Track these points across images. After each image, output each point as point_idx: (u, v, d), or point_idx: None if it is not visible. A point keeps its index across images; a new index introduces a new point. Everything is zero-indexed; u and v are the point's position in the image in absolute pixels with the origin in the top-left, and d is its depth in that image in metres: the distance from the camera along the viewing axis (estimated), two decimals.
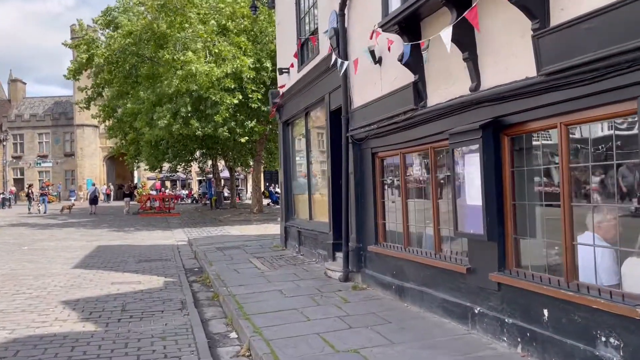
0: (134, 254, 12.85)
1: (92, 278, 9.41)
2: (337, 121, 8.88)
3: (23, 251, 13.38)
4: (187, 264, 11.46)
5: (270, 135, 25.51)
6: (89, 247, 14.27)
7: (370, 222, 7.41)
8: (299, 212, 11.99)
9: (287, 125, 12.29)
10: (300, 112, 11.01)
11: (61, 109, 56.87)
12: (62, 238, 16.94)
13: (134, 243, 15.50)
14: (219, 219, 24.02)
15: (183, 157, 31.14)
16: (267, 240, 14.16)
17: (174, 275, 9.75)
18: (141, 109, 21.31)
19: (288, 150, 12.27)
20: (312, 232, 10.18)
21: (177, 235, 17.67)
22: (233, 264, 10.25)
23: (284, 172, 12.27)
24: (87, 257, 12.35)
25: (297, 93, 10.84)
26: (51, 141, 55.99)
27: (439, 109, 5.38)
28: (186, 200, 48.31)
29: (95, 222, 24.35)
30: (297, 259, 10.59)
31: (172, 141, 25.51)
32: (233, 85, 18.11)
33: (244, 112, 19.92)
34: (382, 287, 6.97)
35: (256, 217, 23.65)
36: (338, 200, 8.86)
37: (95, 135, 54.91)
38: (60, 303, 7.42)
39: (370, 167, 7.35)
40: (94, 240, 16.32)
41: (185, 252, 13.46)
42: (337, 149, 8.90)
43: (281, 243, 12.48)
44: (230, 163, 34.51)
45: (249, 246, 13.06)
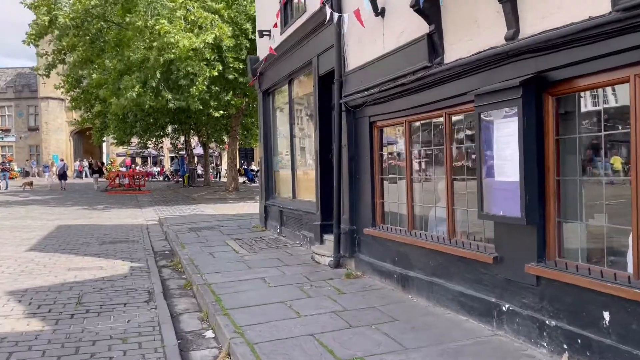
0: (97, 235, 11.72)
1: (47, 263, 8.31)
2: (326, 88, 7.91)
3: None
4: (157, 246, 10.42)
5: (247, 110, 24.30)
6: (49, 227, 13.05)
7: (367, 202, 6.51)
8: (280, 190, 11.02)
9: (267, 95, 11.21)
10: (283, 80, 9.95)
11: (24, 80, 54.00)
12: (20, 216, 15.61)
13: (99, 222, 14.32)
14: (192, 197, 22.87)
15: (153, 131, 29.65)
16: (245, 220, 13.18)
17: (141, 260, 8.71)
18: (107, 79, 19.81)
19: (268, 122, 11.23)
20: (296, 212, 9.24)
21: (147, 214, 16.51)
22: (208, 247, 9.26)
23: (264, 147, 11.24)
24: (45, 238, 11.17)
25: (280, 58, 9.76)
26: (14, 114, 53.25)
27: (461, 65, 4.45)
28: (158, 177, 46.75)
29: (60, 199, 22.89)
30: (279, 241, 9.66)
31: (141, 114, 24.06)
32: (212, 56, 16.78)
33: (219, 83, 18.65)
34: (380, 275, 6.10)
35: (232, 196, 22.57)
36: (327, 177, 7.93)
37: (61, 108, 52.35)
38: (5, 294, 6.34)
39: (368, 138, 6.41)
40: (56, 219, 15.05)
41: (155, 232, 12.39)
42: (326, 119, 7.94)
43: (261, 223, 11.52)
44: (204, 139, 33.17)
45: (225, 227, 12.06)
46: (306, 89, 9.29)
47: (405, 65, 5.26)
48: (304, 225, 8.89)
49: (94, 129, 29.82)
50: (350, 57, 6.69)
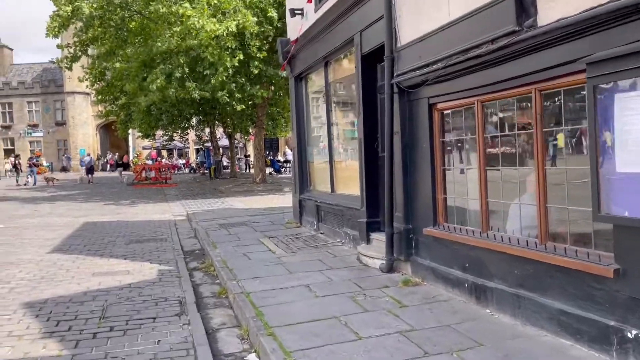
0: (124, 233, 11.13)
1: (70, 267, 7.68)
2: (370, 68, 7.04)
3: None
4: (186, 244, 9.75)
5: (272, 99, 23.53)
6: (74, 225, 12.54)
7: (425, 197, 5.63)
8: (316, 183, 10.21)
9: (299, 81, 10.36)
10: (318, 63, 9.09)
11: (50, 75, 54.29)
12: (46, 213, 15.19)
13: (126, 218, 13.77)
14: (220, 190, 22.28)
15: (178, 123, 29.16)
16: (276, 215, 12.44)
17: (170, 262, 8.03)
18: (130, 69, 19.27)
19: (301, 109, 10.39)
20: (336, 207, 8.41)
21: (175, 209, 15.94)
22: (241, 246, 8.53)
23: (297, 136, 10.42)
24: (69, 237, 10.61)
25: (314, 39, 8.90)
26: (41, 110, 53.66)
27: (564, 26, 3.52)
28: (184, 169, 46.57)
29: (87, 194, 22.58)
30: (318, 239, 8.85)
31: (166, 106, 23.53)
32: (234, 44, 15.99)
33: (244, 73, 17.88)
34: (445, 282, 5.24)
35: (260, 188, 21.90)
36: (373, 169, 7.09)
37: (87, 103, 52.46)
38: (22, 306, 5.69)
39: (426, 123, 5.51)
40: (82, 215, 14.58)
41: (184, 229, 11.75)
42: (371, 103, 7.08)
43: (295, 219, 10.74)
44: (229, 130, 32.59)
45: (257, 222, 11.33)
46: (345, 71, 8.42)
47: (481, 33, 4.34)
48: (345, 222, 8.07)
49: (119, 122, 29.50)
50: (403, 30, 5.78)
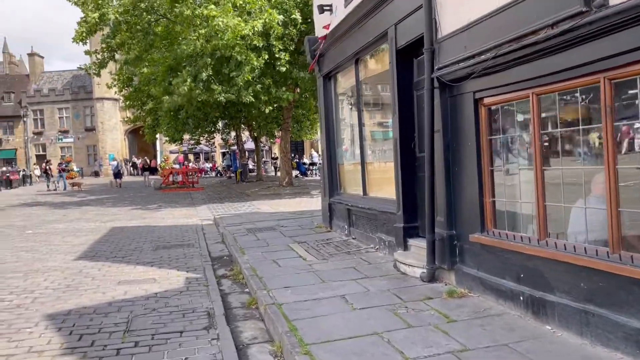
0: (151, 238, 10.93)
1: (96, 275, 7.45)
2: (406, 63, 6.62)
3: (25, 236, 11.58)
4: (214, 250, 9.46)
5: (298, 101, 23.23)
6: (102, 230, 12.42)
7: (471, 201, 5.18)
8: (346, 186, 9.81)
9: (328, 80, 9.98)
10: (348, 60, 8.69)
11: (80, 82, 55.30)
12: (74, 219, 15.17)
13: (153, 223, 13.62)
14: (246, 193, 22.08)
15: (204, 127, 29.15)
16: (305, 219, 12.08)
17: (197, 269, 7.73)
18: (157, 74, 19.25)
19: (330, 110, 10.01)
20: (369, 211, 7.99)
21: (202, 213, 15.75)
22: (270, 252, 8.18)
23: (326, 138, 10.04)
24: (96, 243, 10.45)
25: (344, 35, 8.51)
26: (71, 116, 54.69)
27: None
28: (210, 173, 46.75)
29: (115, 199, 22.67)
30: (350, 244, 8.45)
31: (192, 109, 23.47)
32: (260, 43, 15.73)
33: (269, 75, 17.61)
34: (496, 294, 4.77)
35: (287, 191, 21.60)
36: (410, 171, 6.67)
37: (116, 108, 53.19)
38: (45, 318, 5.45)
39: (472, 120, 5.06)
40: (110, 220, 14.50)
41: (211, 233, 11.50)
42: (407, 101, 6.66)
43: (325, 223, 10.35)
44: (255, 133, 32.48)
45: (285, 227, 10.98)
46: (377, 68, 8.00)
47: (539, 18, 3.88)
48: (379, 227, 7.64)
49: (146, 127, 29.66)
50: (445, 19, 5.34)
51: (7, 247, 10.14)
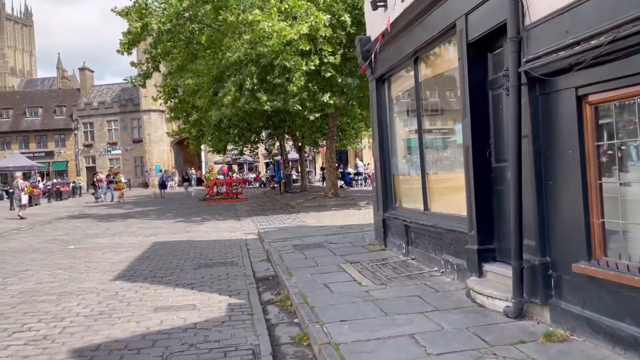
0: (193, 254, 10.34)
1: (132, 299, 6.83)
2: (479, 59, 5.71)
3: (66, 252, 11.23)
4: (259, 269, 8.74)
5: (343, 109, 22.46)
6: (144, 245, 11.96)
7: (572, 221, 4.20)
8: (403, 200, 8.90)
9: (382, 83, 9.14)
10: (406, 60, 7.83)
11: (128, 95, 56.64)
12: (117, 232, 14.86)
13: (196, 237, 13.09)
14: (291, 205, 21.44)
15: (248, 137, 28.82)
16: (355, 234, 11.23)
17: (241, 292, 7.00)
18: (201, 84, 18.94)
19: (384, 115, 9.15)
20: (433, 229, 7.06)
21: (246, 226, 15.16)
22: (320, 274, 7.37)
23: (379, 146, 9.18)
24: (136, 260, 9.93)
25: (401, 32, 7.66)
26: (120, 128, 55.98)
27: None
28: (254, 184, 46.61)
29: (160, 211, 22.49)
30: (409, 266, 7.53)
31: (235, 119, 23.11)
32: (308, 47, 15.07)
33: (315, 82, 16.93)
34: (611, 340, 3.77)
35: (332, 202, 20.81)
36: (484, 183, 5.72)
37: (162, 120, 54.11)
38: (71, 354, 4.80)
39: (573, 122, 4.10)
40: (152, 234, 14.09)
41: (255, 249, 10.81)
42: (480, 101, 5.73)
43: (378, 240, 9.47)
44: (298, 143, 31.96)
45: (334, 243, 10.16)
46: (441, 67, 7.11)
47: None
48: (445, 248, 6.70)
49: (191, 138, 29.59)
50: (535, 1, 4.41)
51: (47, 264, 9.75)
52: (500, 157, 5.60)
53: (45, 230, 16.02)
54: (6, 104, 57.93)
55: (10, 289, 7.53)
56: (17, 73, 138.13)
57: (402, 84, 8.58)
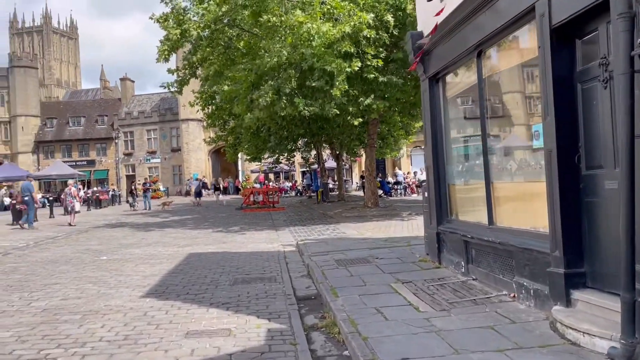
0: (229, 268, 9.67)
1: (161, 320, 6.16)
2: (566, 46, 4.80)
3: (98, 263, 10.76)
4: (299, 286, 7.97)
5: (384, 116, 21.58)
6: (178, 257, 11.39)
7: None
8: (460, 211, 7.98)
9: (435, 82, 8.27)
10: (467, 54, 6.96)
11: (167, 104, 57.40)
12: (153, 242, 14.41)
13: (233, 249, 12.45)
14: (329, 215, 20.68)
15: (286, 145, 28.26)
16: (402, 248, 10.35)
17: (282, 315, 6.24)
18: (238, 92, 18.46)
19: (438, 118, 8.27)
20: (501, 246, 6.12)
21: (283, 237, 14.47)
22: (370, 296, 6.54)
23: (433, 151, 8.29)
24: (169, 274, 9.32)
25: (461, 24, 6.80)
26: (159, 137, 56.67)
27: None
28: (290, 192, 46.14)
29: (197, 220, 22.11)
30: (472, 288, 6.60)
31: (274, 127, 22.58)
32: (352, 49, 14.35)
33: (357, 85, 16.16)
34: None
35: (373, 213, 19.92)
36: (572, 194, 4.80)
37: (200, 129, 54.50)
38: None
39: None
40: (188, 245, 13.55)
41: (295, 263, 10.07)
42: (566, 97, 4.82)
43: (431, 256, 8.55)
44: (336, 151, 31.23)
45: (381, 258, 9.31)
46: (513, 60, 6.21)
47: None
48: (518, 269, 5.75)
49: (227, 146, 29.29)
50: None
51: (76, 276, 9.26)
52: (593, 162, 4.67)
53: (80, 239, 15.74)
54: (51, 114, 59.64)
55: (34, 306, 7.00)
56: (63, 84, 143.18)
57: (460, 82, 7.70)
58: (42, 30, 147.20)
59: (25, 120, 56.99)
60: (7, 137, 57.37)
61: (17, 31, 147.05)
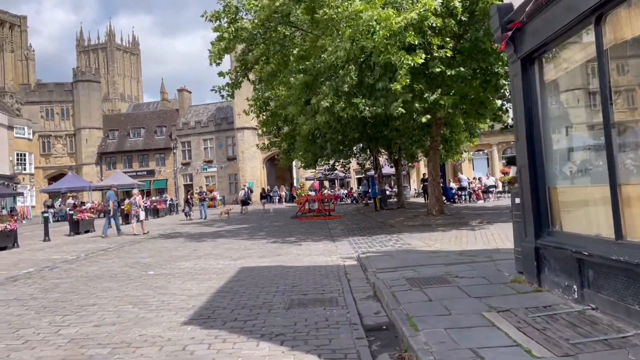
0: (284, 287, 8.53)
1: (202, 358, 5.04)
2: None
3: (144, 279, 9.91)
4: (366, 311, 6.70)
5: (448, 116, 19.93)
6: (229, 271, 10.39)
7: None
8: (566, 221, 6.42)
9: (530, 63, 6.78)
10: (577, 23, 5.47)
11: (223, 114, 57.78)
12: (204, 254, 13.54)
13: (288, 262, 11.33)
14: (390, 224, 19.24)
15: (342, 152, 27.05)
16: (484, 265, 8.86)
17: (348, 354, 4.98)
18: (292, 95, 17.51)
19: (533, 106, 6.76)
20: (637, 267, 4.58)
21: (342, 249, 13.22)
22: (459, 330, 5.15)
23: (527, 148, 6.78)
24: (217, 293, 8.27)
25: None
26: (215, 146, 57.05)
27: None
28: (346, 200, 44.88)
29: (251, 229, 21.27)
30: (595, 321, 5.07)
31: (330, 132, 21.43)
32: (416, 40, 12.99)
33: (422, 80, 14.72)
34: None
35: (438, 221, 18.30)
36: None
37: (254, 137, 54.41)
38: None
39: None
40: (241, 257, 12.57)
41: (358, 281, 8.81)
42: None
43: (526, 275, 7.03)
44: (395, 156, 29.72)
45: (461, 277, 7.87)
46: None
47: None
48: None
49: (281, 151, 28.46)
50: None
51: (117, 295, 8.38)
52: None
53: (132, 251, 15.14)
54: (112, 126, 61.50)
55: (62, 334, 6.08)
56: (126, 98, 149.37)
57: (566, 60, 6.19)
58: (107, 47, 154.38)
59: (88, 132, 59.00)
60: (72, 149, 59.56)
61: (84, 49, 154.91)
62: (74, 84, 59.48)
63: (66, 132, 59.84)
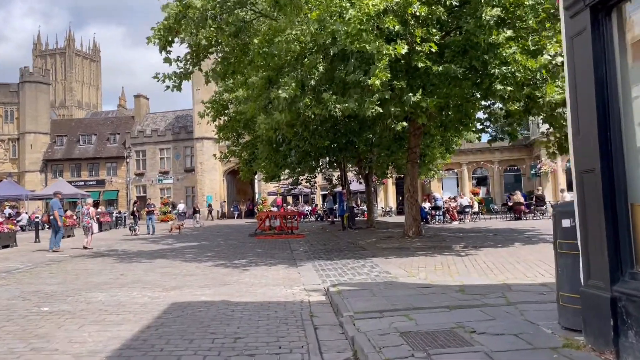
0: (223, 339, 5.89)
1: None
2: None
3: (29, 318, 7.03)
4: None
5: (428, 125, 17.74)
6: (155, 309, 7.66)
7: None
8: None
9: (604, 15, 4.46)
10: None
11: (182, 122, 54.59)
12: (131, 281, 10.67)
13: (235, 297, 8.67)
14: (361, 245, 16.79)
15: (307, 162, 24.55)
16: (499, 308, 6.49)
17: None
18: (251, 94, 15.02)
19: (610, 81, 4.42)
20: None
21: (306, 276, 10.68)
22: None
23: (600, 142, 4.42)
24: (119, 353, 5.50)
25: None
26: (172, 156, 53.67)
27: None
28: (310, 217, 42.36)
29: (201, 248, 18.41)
30: None
31: (296, 140, 18.92)
32: (396, 27, 10.74)
33: (403, 78, 12.42)
34: None
35: (416, 244, 15.95)
36: None
37: (215, 148, 51.34)
38: None
39: None
40: (176, 286, 9.81)
41: (329, 330, 6.28)
42: None
43: (587, 336, 4.60)
44: (365, 171, 27.46)
45: (480, 331, 5.41)
46: None
47: None
48: None
49: (242, 162, 25.74)
50: None
51: None
52: None
53: (41, 274, 12.07)
54: (60, 131, 57.28)
55: None
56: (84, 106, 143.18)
57: None
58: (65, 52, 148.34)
59: (34, 137, 54.59)
60: (15, 154, 54.95)
61: (41, 53, 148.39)
62: (20, 85, 55.13)
63: (9, 136, 55.23)
